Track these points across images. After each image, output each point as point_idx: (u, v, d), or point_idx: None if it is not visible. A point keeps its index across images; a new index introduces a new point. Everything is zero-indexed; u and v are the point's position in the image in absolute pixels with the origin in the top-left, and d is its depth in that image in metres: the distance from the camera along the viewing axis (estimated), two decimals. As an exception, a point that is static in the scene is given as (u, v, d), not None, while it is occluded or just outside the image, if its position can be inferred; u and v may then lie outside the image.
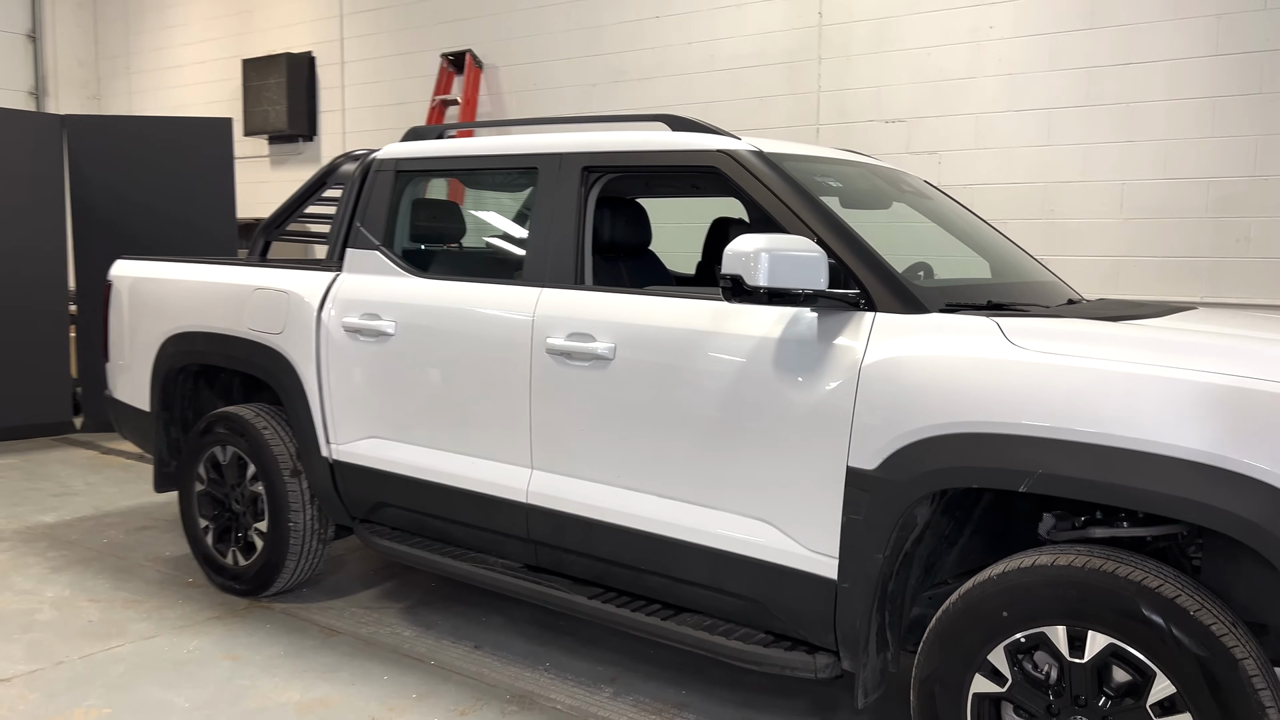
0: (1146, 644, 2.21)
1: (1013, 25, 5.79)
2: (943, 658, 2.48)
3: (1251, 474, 2.09)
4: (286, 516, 3.94)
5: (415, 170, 3.79)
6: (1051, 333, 2.44)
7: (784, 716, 3.22)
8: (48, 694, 3.28)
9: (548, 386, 3.19)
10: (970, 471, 2.41)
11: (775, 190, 2.91)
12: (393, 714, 3.18)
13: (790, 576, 2.73)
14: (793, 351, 2.73)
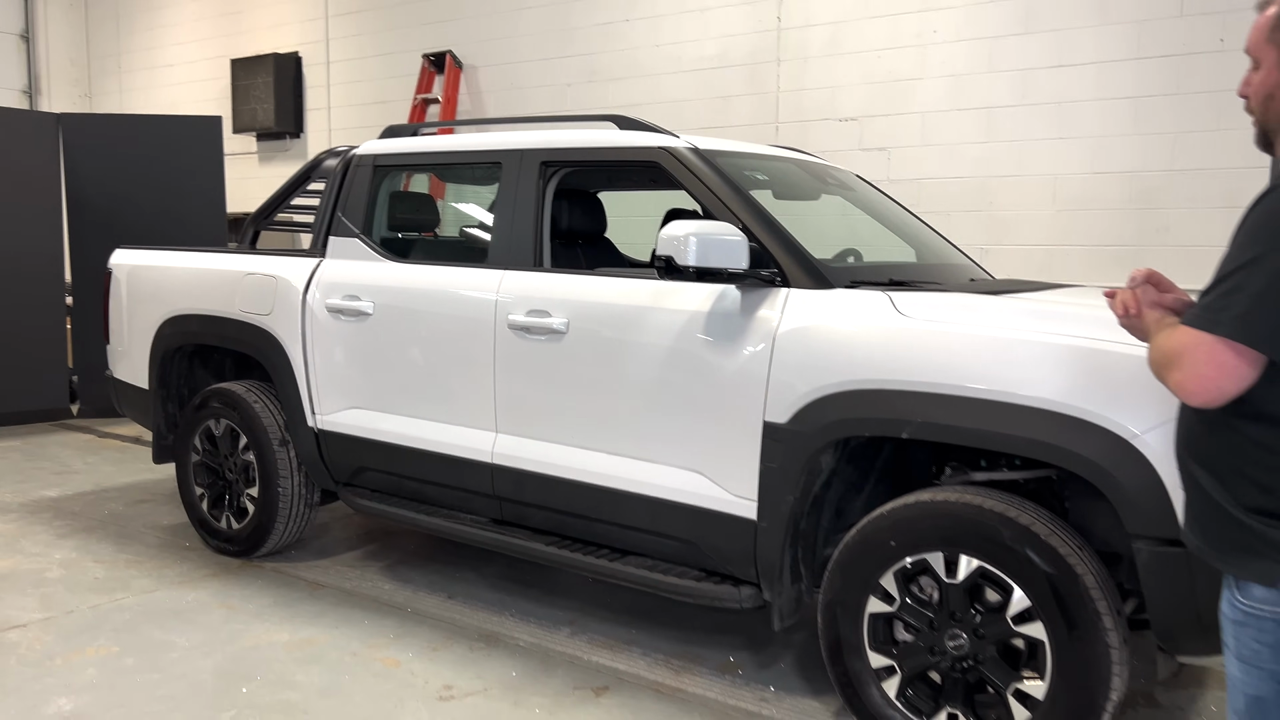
0: (1007, 565, 2.62)
1: (955, 30, 6.20)
2: (843, 583, 2.88)
3: (1096, 421, 2.49)
4: (276, 483, 4.31)
5: (391, 165, 4.17)
6: (934, 304, 2.85)
7: (720, 650, 3.62)
8: (61, 636, 3.65)
9: (509, 358, 3.57)
10: (863, 422, 2.81)
11: (707, 182, 3.30)
12: (372, 650, 3.56)
13: (718, 519, 3.12)
14: (719, 323, 3.12)
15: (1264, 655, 1.63)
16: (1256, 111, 1.74)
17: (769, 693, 3.30)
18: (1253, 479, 1.62)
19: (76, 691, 3.21)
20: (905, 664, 2.81)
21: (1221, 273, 1.60)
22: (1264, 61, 1.71)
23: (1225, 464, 1.66)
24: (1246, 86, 1.76)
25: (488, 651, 3.58)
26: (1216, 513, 1.67)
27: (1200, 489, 1.71)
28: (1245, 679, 1.67)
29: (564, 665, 3.47)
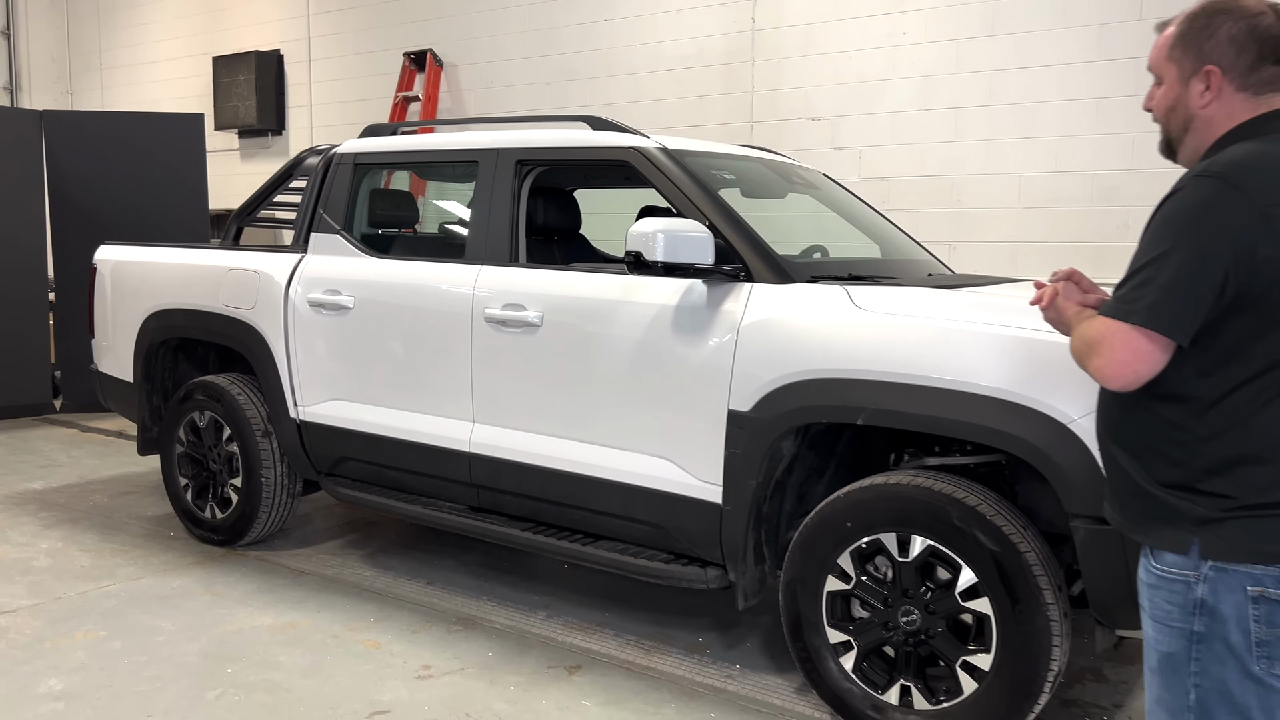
0: (955, 544, 2.77)
1: (923, 31, 6.35)
2: (803, 563, 3.02)
3: (1035, 407, 2.64)
4: (259, 473, 4.42)
5: (371, 163, 4.29)
6: (889, 297, 2.99)
7: (690, 631, 3.76)
8: (49, 621, 3.76)
9: (486, 350, 3.70)
10: (820, 409, 2.95)
11: (675, 181, 3.43)
12: (353, 633, 3.69)
13: (685, 503, 3.26)
14: (687, 316, 3.25)
15: (1174, 615, 1.77)
16: (1162, 124, 1.89)
17: (735, 670, 3.44)
18: (1165, 455, 1.76)
19: (66, 673, 3.32)
20: (861, 639, 2.96)
21: (1134, 267, 1.74)
22: (1165, 77, 1.85)
23: (1140, 442, 1.80)
24: (1151, 100, 1.91)
25: (465, 634, 3.70)
26: (1133, 488, 1.82)
27: (1118, 467, 1.85)
28: (1158, 637, 1.82)
29: (539, 646, 3.60)
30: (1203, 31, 1.78)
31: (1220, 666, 1.72)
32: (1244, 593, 1.69)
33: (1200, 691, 1.74)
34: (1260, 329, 1.65)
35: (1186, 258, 1.65)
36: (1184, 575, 1.75)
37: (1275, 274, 1.62)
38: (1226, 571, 1.70)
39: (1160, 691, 1.81)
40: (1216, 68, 1.77)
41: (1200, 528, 1.72)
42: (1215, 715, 1.74)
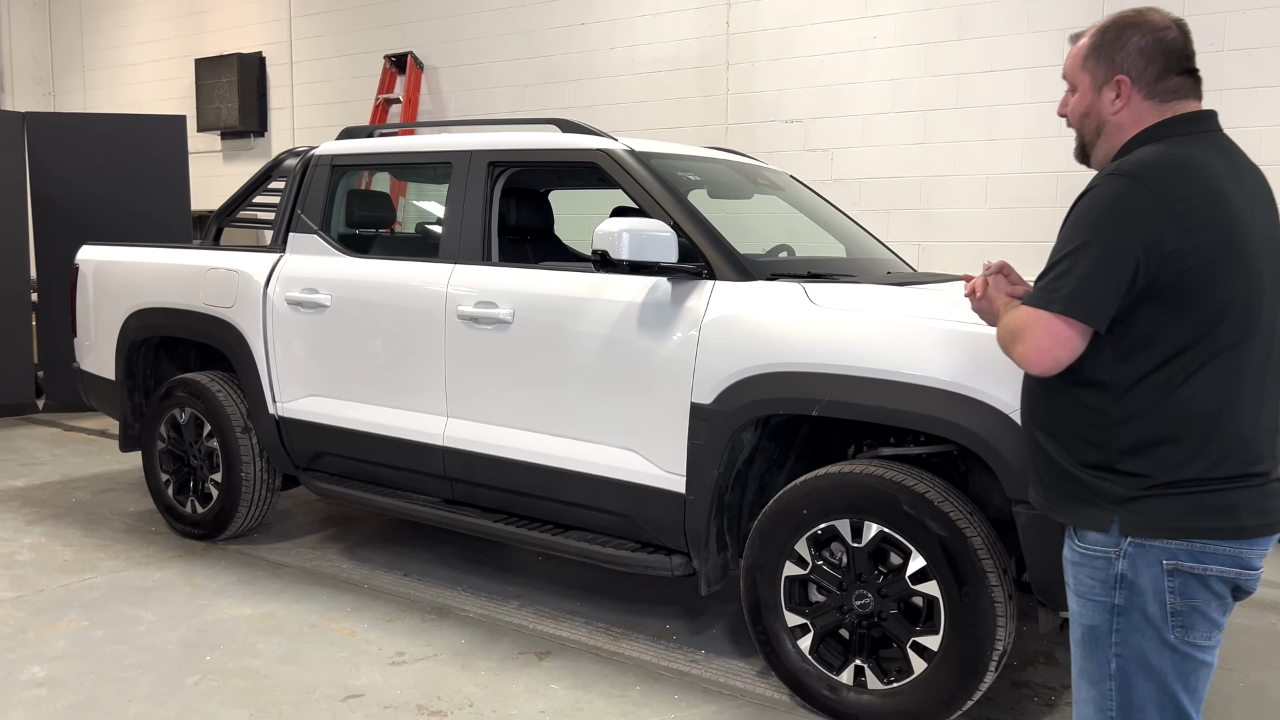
0: (905, 530, 2.89)
1: (893, 36, 6.49)
2: (762, 549, 3.14)
3: (978, 397, 2.76)
4: (239, 468, 4.51)
5: (348, 165, 4.39)
6: (843, 294, 3.12)
7: (658, 619, 3.88)
8: (33, 612, 3.84)
9: (459, 346, 3.80)
10: (778, 401, 3.07)
11: (641, 182, 3.55)
12: (330, 622, 3.79)
13: (651, 493, 3.37)
14: (652, 313, 3.37)
15: (1097, 589, 1.90)
16: (1076, 129, 2.01)
17: (700, 655, 3.56)
18: (1085, 437, 1.88)
19: (49, 661, 3.40)
20: (818, 622, 3.08)
21: (1054, 259, 1.86)
22: (1080, 85, 1.97)
23: (1062, 426, 1.92)
24: (1065, 107, 2.03)
25: (439, 622, 3.81)
26: (1056, 470, 1.94)
27: (1042, 450, 1.97)
28: (1082, 611, 1.94)
29: (510, 634, 3.71)
30: (1114, 44, 1.91)
31: (1139, 637, 1.85)
32: (1160, 566, 1.82)
33: (1121, 661, 1.87)
34: (1170, 317, 1.77)
35: (1101, 250, 1.77)
36: (1105, 552, 1.87)
37: (1182, 264, 1.74)
38: (1144, 547, 1.83)
39: (1084, 663, 1.94)
40: (1127, 77, 1.89)
41: (1120, 506, 1.84)
42: (1135, 683, 1.86)
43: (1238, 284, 1.77)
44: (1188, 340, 1.77)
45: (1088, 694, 1.92)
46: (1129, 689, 1.86)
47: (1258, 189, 1.90)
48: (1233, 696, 3.34)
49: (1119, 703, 1.87)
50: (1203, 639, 1.83)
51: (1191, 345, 1.77)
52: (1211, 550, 1.80)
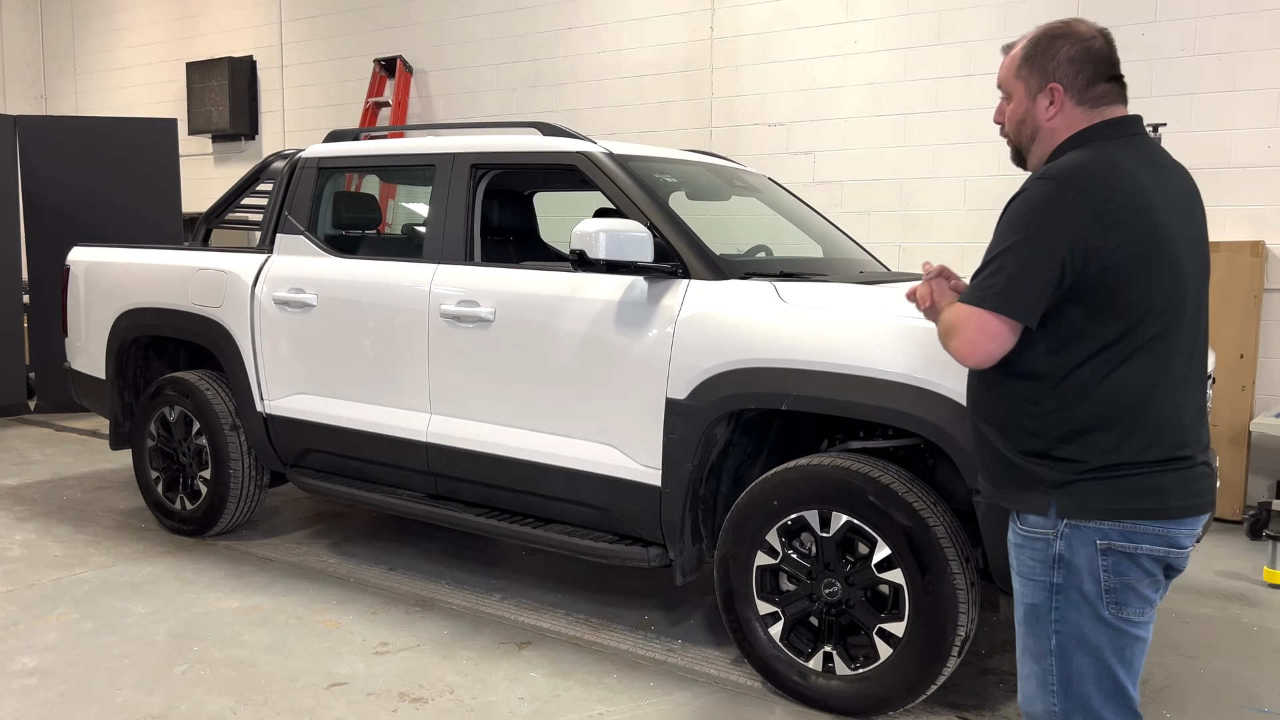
0: (871, 519, 2.98)
1: (873, 41, 6.60)
2: (734, 540, 3.23)
3: (938, 390, 2.86)
4: (227, 465, 4.60)
5: (335, 167, 4.48)
6: (813, 292, 3.21)
7: (637, 610, 3.97)
8: (24, 605, 3.92)
9: (442, 344, 3.89)
10: (749, 396, 3.17)
11: (618, 183, 3.64)
12: (315, 614, 3.87)
13: (628, 486, 3.46)
14: (629, 310, 3.46)
15: (1037, 570, 1.99)
16: (1011, 135, 2.10)
17: (676, 645, 3.65)
18: (1023, 426, 1.98)
19: (40, 651, 3.48)
20: (788, 610, 3.17)
21: (987, 258, 1.96)
22: (1015, 94, 2.07)
23: (1002, 416, 2.02)
24: (1000, 115, 2.12)
25: (423, 614, 3.89)
26: (998, 458, 2.04)
27: (985, 440, 2.07)
28: (1024, 591, 2.04)
29: (492, 625, 3.80)
30: (1045, 53, 2.01)
31: (1076, 614, 1.95)
32: (1094, 546, 1.92)
33: (1060, 637, 1.97)
34: (1097, 312, 1.87)
35: (1029, 249, 1.87)
36: (1044, 533, 1.97)
37: (1106, 262, 1.84)
38: (1079, 528, 1.93)
39: (1027, 640, 2.03)
40: (1059, 85, 1.99)
41: (1056, 490, 1.94)
42: (1073, 657, 1.96)
43: (1161, 280, 1.87)
44: (1115, 334, 1.87)
45: (1031, 669, 2.02)
46: (1068, 663, 1.95)
47: (1180, 188, 2.00)
48: (1193, 684, 3.44)
49: (1059, 677, 1.96)
50: (1135, 615, 1.93)
51: (1119, 338, 1.87)
52: (1141, 530, 1.90)
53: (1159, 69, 5.71)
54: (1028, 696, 2.03)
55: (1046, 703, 1.99)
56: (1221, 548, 4.96)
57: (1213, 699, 3.33)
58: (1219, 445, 5.32)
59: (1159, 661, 3.61)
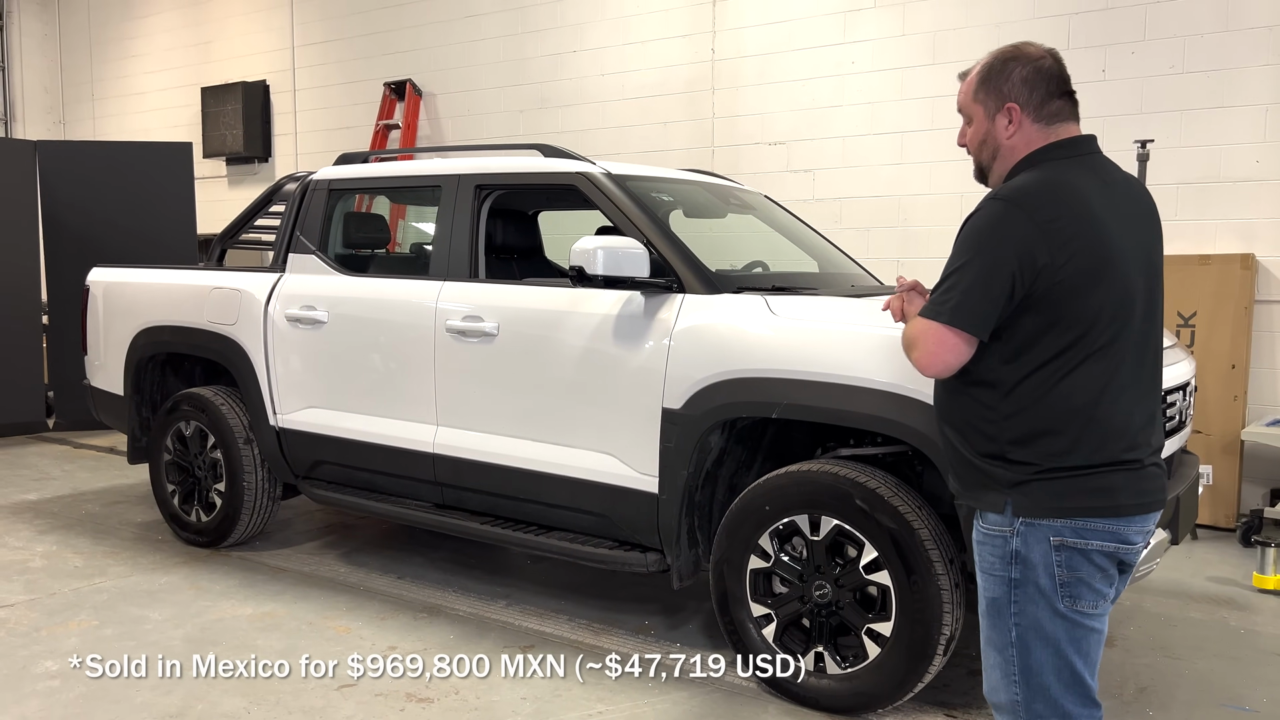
0: (859, 523, 3.10)
1: (871, 61, 6.75)
2: (729, 544, 3.35)
3: (919, 398, 2.96)
4: (241, 478, 4.74)
5: (345, 189, 4.64)
6: (802, 305, 3.35)
7: (638, 616, 4.08)
8: (46, 613, 4.06)
9: (448, 359, 4.03)
10: (741, 405, 3.30)
11: (616, 202, 3.79)
12: (326, 621, 4.00)
13: (627, 494, 3.59)
14: (626, 324, 3.60)
15: (996, 565, 2.11)
16: (974, 155, 2.23)
17: (675, 647, 3.76)
18: (981, 430, 2.10)
19: (61, 656, 3.62)
20: (781, 612, 3.29)
21: (945, 274, 2.07)
22: (975, 116, 2.19)
23: (963, 421, 2.14)
24: (963, 138, 2.24)
25: (430, 620, 4.02)
26: (961, 460, 2.16)
27: (950, 443, 2.19)
28: (985, 585, 2.15)
29: (497, 630, 3.92)
30: (1000, 75, 2.15)
31: (1034, 607, 2.06)
32: (1048, 543, 2.03)
33: (1020, 630, 2.08)
34: (1047, 323, 2.00)
35: (980, 267, 1.99)
36: (1002, 531, 2.08)
37: (1054, 278, 1.96)
38: (1034, 525, 2.04)
39: (990, 632, 2.14)
40: (1015, 104, 2.12)
41: (1011, 490, 2.05)
42: (1032, 649, 2.07)
43: (1108, 292, 1.99)
44: (1064, 343, 1.99)
45: (994, 660, 2.13)
46: (1028, 654, 2.06)
47: (1130, 204, 2.12)
48: (1177, 683, 3.54)
49: (1020, 667, 2.07)
50: (1089, 608, 2.04)
51: (1068, 348, 1.99)
52: (1092, 527, 2.01)
53: (1149, 86, 5.84)
54: (993, 686, 2.14)
55: (1010, 692, 2.09)
56: (1214, 554, 5.05)
57: (1195, 697, 3.42)
58: (1212, 454, 5.41)
59: (1144, 662, 3.70)
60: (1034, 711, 2.08)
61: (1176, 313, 5.58)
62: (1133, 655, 3.76)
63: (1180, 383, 3.29)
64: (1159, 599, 4.37)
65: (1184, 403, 3.38)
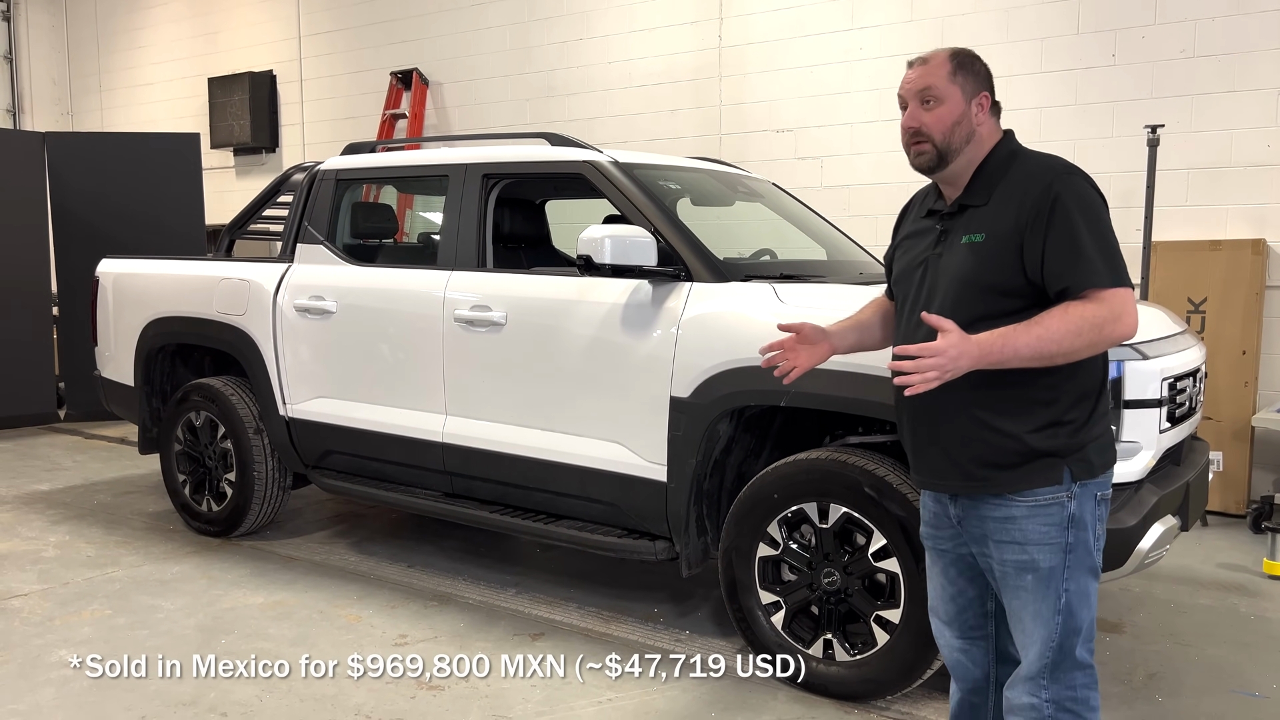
0: (867, 511, 3.10)
1: (878, 47, 6.71)
2: (737, 533, 3.36)
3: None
4: (252, 467, 4.76)
5: (352, 179, 4.65)
6: (809, 293, 3.34)
7: (647, 603, 4.10)
8: (59, 602, 4.09)
9: (456, 348, 4.04)
10: (749, 393, 3.30)
11: (623, 190, 3.78)
12: (337, 609, 4.02)
13: (636, 482, 3.59)
14: (634, 313, 3.60)
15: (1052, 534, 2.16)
16: (939, 137, 2.17)
17: (684, 635, 3.78)
18: (1038, 400, 2.13)
19: (75, 645, 3.65)
20: (790, 599, 3.29)
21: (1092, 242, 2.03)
22: (949, 98, 2.15)
23: (1014, 399, 2.12)
24: (914, 120, 2.19)
25: (440, 608, 4.04)
26: (1003, 446, 2.15)
27: (988, 432, 2.18)
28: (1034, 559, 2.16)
29: (507, 618, 3.94)
30: (972, 65, 2.23)
31: (1081, 568, 2.17)
32: (1094, 499, 2.16)
33: (1069, 594, 2.16)
34: None
35: (1111, 228, 2.09)
36: (1058, 498, 2.14)
37: None
38: (1086, 486, 2.15)
39: (1036, 605, 2.17)
40: (987, 95, 2.20)
41: (1070, 456, 2.13)
42: (1077, 612, 2.17)
43: None
44: None
45: (1038, 634, 2.18)
46: (1073, 618, 2.16)
47: None
48: (1186, 670, 3.53)
49: (1063, 632, 2.16)
50: (1100, 554, 2.21)
51: None
52: (1108, 478, 2.22)
53: (1159, 71, 5.80)
54: (1029, 660, 2.20)
55: (1043, 660, 2.18)
56: (1224, 541, 5.04)
57: (1205, 683, 3.42)
58: (1222, 440, 5.39)
59: (1154, 648, 3.70)
60: (1061, 671, 2.17)
61: (1187, 298, 5.56)
62: (1142, 642, 3.76)
63: (1190, 368, 3.28)
64: (1168, 585, 4.36)
65: (1194, 388, 3.37)
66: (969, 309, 2.10)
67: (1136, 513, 2.90)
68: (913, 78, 2.23)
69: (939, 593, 2.41)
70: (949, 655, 2.45)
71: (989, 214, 2.15)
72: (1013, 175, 2.16)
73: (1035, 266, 2.07)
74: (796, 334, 2.41)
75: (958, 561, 2.35)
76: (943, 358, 1.97)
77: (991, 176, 2.18)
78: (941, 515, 2.32)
